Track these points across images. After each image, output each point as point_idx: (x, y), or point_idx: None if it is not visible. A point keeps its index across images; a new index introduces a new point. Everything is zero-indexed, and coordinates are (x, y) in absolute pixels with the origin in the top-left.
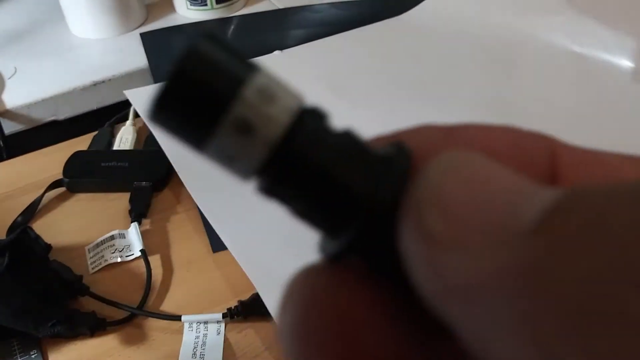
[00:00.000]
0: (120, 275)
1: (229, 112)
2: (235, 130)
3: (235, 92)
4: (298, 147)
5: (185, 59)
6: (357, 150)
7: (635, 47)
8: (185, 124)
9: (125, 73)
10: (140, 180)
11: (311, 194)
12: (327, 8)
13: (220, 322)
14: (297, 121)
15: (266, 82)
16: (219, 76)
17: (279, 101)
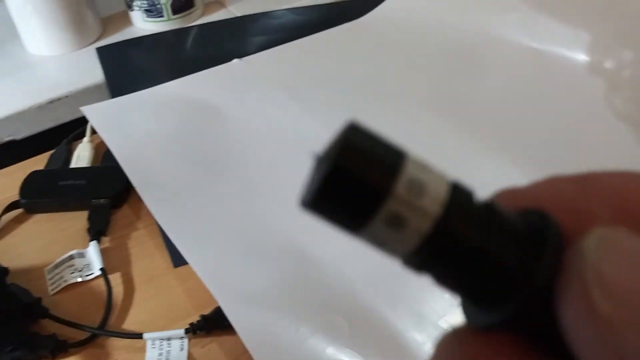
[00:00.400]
0: (81, 295)
1: (381, 208)
2: (387, 223)
3: (387, 188)
4: (449, 232)
5: (340, 153)
6: (506, 226)
7: (590, 41)
8: (340, 215)
9: (82, 89)
10: (98, 197)
11: (464, 271)
12: (286, 14)
13: (183, 338)
14: (447, 208)
15: (415, 172)
16: (372, 171)
17: (428, 191)
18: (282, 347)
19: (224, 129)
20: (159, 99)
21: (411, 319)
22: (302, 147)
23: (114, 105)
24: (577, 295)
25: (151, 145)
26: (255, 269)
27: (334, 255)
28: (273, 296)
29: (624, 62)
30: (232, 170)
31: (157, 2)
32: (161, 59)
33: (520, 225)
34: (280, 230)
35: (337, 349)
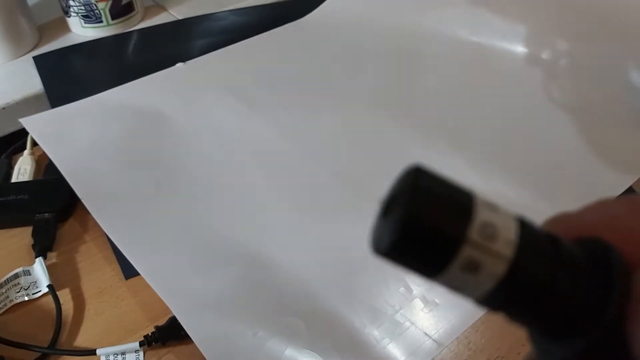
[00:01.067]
0: (29, 314)
1: (457, 255)
2: (463, 269)
3: (462, 234)
4: (522, 273)
5: (412, 201)
6: (571, 258)
7: (526, 33)
8: (416, 263)
9: (20, 100)
10: (42, 212)
11: (537, 307)
12: (228, 15)
13: (139, 351)
14: (519, 249)
15: (486, 215)
16: (446, 218)
17: (500, 233)
18: (240, 353)
19: (170, 135)
20: (101, 107)
21: (367, 315)
22: (250, 149)
23: (54, 115)
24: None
25: (96, 155)
26: (208, 276)
27: (286, 257)
28: (228, 302)
29: (560, 52)
30: (180, 176)
31: (94, 7)
32: (102, 65)
33: (583, 256)
34: (232, 235)
35: (296, 351)
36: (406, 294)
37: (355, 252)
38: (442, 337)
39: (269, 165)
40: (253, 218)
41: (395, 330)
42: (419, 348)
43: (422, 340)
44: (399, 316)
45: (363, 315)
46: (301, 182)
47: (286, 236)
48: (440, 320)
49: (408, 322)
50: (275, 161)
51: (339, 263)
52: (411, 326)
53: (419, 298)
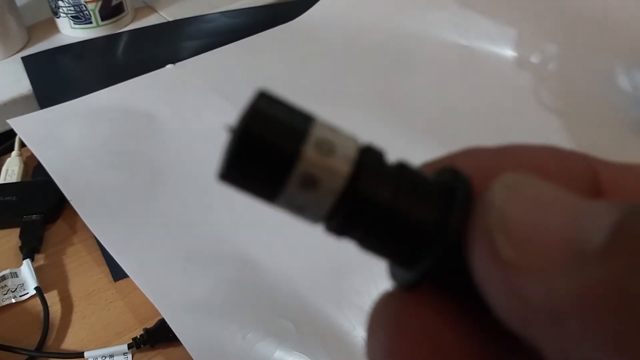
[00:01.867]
0: (16, 317)
1: (293, 171)
2: (301, 186)
3: (297, 150)
4: (362, 191)
5: (248, 121)
6: (417, 182)
7: (516, 37)
8: (254, 183)
9: (8, 100)
10: (30, 213)
11: (381, 231)
12: (219, 17)
13: (127, 354)
14: (357, 167)
15: (324, 134)
16: (280, 136)
17: (337, 151)
18: (229, 355)
19: (159, 136)
20: (90, 108)
21: (356, 316)
22: None
23: (43, 116)
24: (482, 242)
25: (84, 156)
26: (197, 278)
27: (275, 259)
28: (217, 304)
29: (549, 55)
30: (169, 178)
31: (84, 8)
32: (91, 66)
33: (433, 183)
34: (221, 237)
35: (285, 352)
36: None
37: (345, 254)
38: None
39: None
40: (242, 220)
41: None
42: None
43: None
44: None
45: (352, 317)
46: None
47: (276, 238)
48: None
49: None
50: None
51: (329, 265)
52: None
53: None
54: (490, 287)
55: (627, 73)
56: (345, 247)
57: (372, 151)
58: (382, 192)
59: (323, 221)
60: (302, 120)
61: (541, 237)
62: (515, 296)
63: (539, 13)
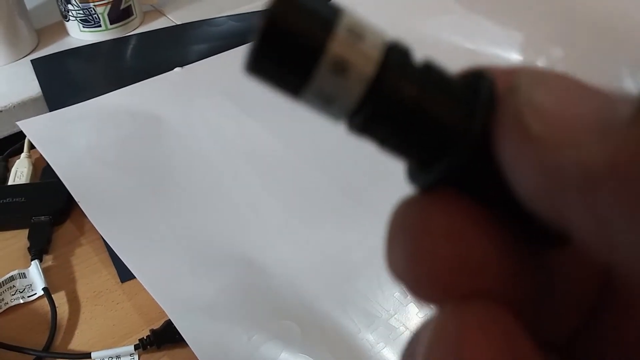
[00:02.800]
0: (24, 317)
1: (325, 54)
2: (331, 71)
3: (328, 33)
4: (391, 81)
5: (274, 8)
6: (444, 80)
7: (522, 41)
8: (283, 72)
9: (18, 103)
10: (38, 214)
11: (405, 127)
12: (226, 21)
13: (133, 355)
14: (387, 56)
15: (354, 21)
16: (310, 20)
17: (368, 38)
18: (234, 357)
19: (166, 138)
20: (99, 111)
21: (362, 319)
22: (246, 154)
23: (52, 118)
24: (511, 125)
25: (93, 158)
26: (204, 280)
27: (282, 261)
28: (223, 306)
29: (555, 59)
30: (177, 180)
31: (93, 11)
32: (100, 69)
33: (459, 82)
34: (228, 240)
35: (291, 354)
36: (401, 298)
37: (351, 256)
38: None
39: (265, 170)
40: (249, 223)
41: (390, 335)
42: None
43: None
44: (393, 321)
45: (358, 320)
46: (298, 187)
47: (282, 241)
48: None
49: (403, 327)
50: (272, 166)
51: (335, 267)
52: (406, 331)
53: (413, 303)
54: (521, 167)
55: (633, 77)
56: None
57: (400, 46)
58: (409, 87)
59: (348, 115)
60: (331, 9)
61: (571, 113)
62: (547, 171)
63: (545, 17)
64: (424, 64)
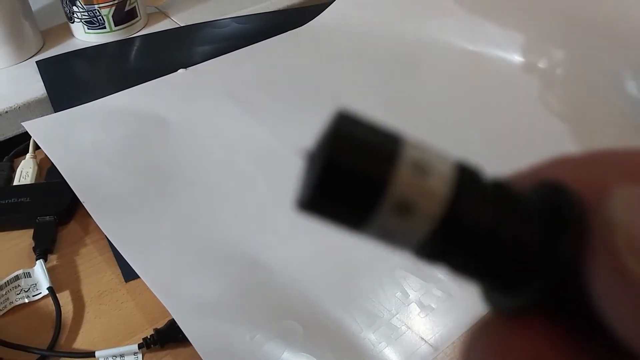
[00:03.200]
0: (29, 316)
1: (386, 196)
2: (394, 212)
3: (390, 173)
4: (462, 215)
5: (333, 145)
6: (518, 201)
7: (523, 42)
8: (342, 212)
9: (23, 104)
10: (43, 214)
11: (482, 254)
12: (230, 23)
13: (137, 354)
14: (455, 188)
15: (416, 153)
16: (370, 159)
17: (433, 171)
18: (237, 356)
19: (171, 139)
20: (103, 112)
21: (364, 319)
22: (250, 154)
23: (57, 119)
24: (607, 263)
25: (97, 159)
26: (207, 279)
27: (284, 260)
28: (226, 305)
29: (556, 61)
30: (180, 181)
31: (98, 13)
32: (105, 70)
33: (534, 200)
34: (231, 240)
35: (293, 354)
36: (403, 298)
37: (353, 257)
38: (438, 342)
39: (268, 171)
40: (252, 223)
41: (392, 335)
42: (415, 352)
43: (418, 345)
44: (395, 320)
45: (360, 320)
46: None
47: (285, 240)
48: (436, 325)
49: (404, 327)
50: (275, 166)
51: (337, 267)
52: (407, 330)
53: (415, 303)
54: (620, 311)
55: (634, 78)
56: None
57: (468, 169)
58: (484, 214)
59: (415, 249)
60: (390, 141)
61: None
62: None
63: (546, 18)
64: (493, 183)
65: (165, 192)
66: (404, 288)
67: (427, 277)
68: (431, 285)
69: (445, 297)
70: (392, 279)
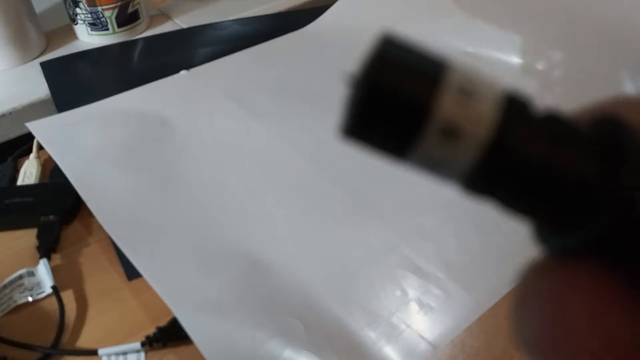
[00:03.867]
0: (32, 315)
1: (431, 119)
2: (440, 136)
3: (434, 95)
4: (513, 143)
5: (376, 69)
6: (574, 134)
7: (522, 44)
8: (386, 137)
9: (27, 105)
10: (47, 214)
11: (534, 189)
12: (232, 25)
13: (140, 351)
14: (504, 113)
15: (463, 77)
16: (414, 82)
17: (480, 95)
18: (239, 354)
19: (173, 140)
20: (106, 113)
21: (364, 317)
22: (251, 155)
23: (60, 120)
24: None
25: (100, 159)
26: (209, 278)
27: (285, 259)
28: (228, 303)
29: (554, 63)
30: (183, 181)
31: (101, 15)
32: (108, 72)
33: (592, 134)
34: (233, 239)
35: (295, 352)
36: (402, 297)
37: (354, 255)
38: (437, 340)
39: (270, 171)
40: (253, 222)
41: (392, 333)
42: (414, 350)
43: (418, 343)
44: (395, 319)
45: (360, 318)
46: (302, 187)
47: (286, 239)
48: (435, 323)
49: (404, 325)
50: (276, 167)
51: (338, 266)
52: (407, 329)
53: (414, 301)
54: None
55: (632, 79)
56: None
57: (518, 99)
58: (536, 144)
59: (464, 179)
60: (436, 64)
61: None
62: None
63: (545, 20)
64: (547, 116)
65: (167, 191)
66: (403, 287)
67: (427, 276)
68: (430, 285)
69: (445, 296)
70: (392, 278)
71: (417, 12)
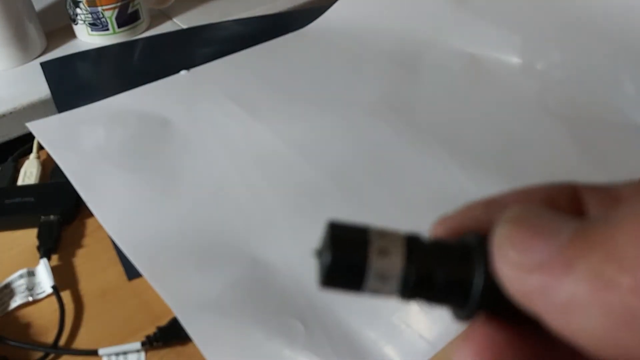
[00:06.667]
0: (32, 315)
1: (368, 271)
2: (376, 278)
3: (365, 259)
4: (416, 269)
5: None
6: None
7: (521, 44)
8: (347, 284)
9: (27, 105)
10: (47, 214)
11: (440, 290)
12: (232, 25)
13: (140, 351)
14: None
15: (379, 243)
16: (354, 253)
17: (392, 249)
18: (239, 353)
19: (173, 140)
20: (107, 113)
21: (364, 317)
22: (251, 155)
23: (61, 120)
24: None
25: (100, 159)
26: (209, 277)
27: (285, 259)
28: (228, 303)
29: (554, 63)
30: (183, 181)
31: (101, 15)
32: (108, 72)
33: (458, 247)
34: (233, 238)
35: (294, 352)
36: None
37: None
38: (437, 340)
39: (270, 171)
40: (254, 222)
41: (392, 333)
42: (414, 350)
43: (418, 342)
44: (395, 318)
45: (360, 317)
46: (302, 187)
47: (286, 239)
48: (435, 323)
49: (404, 325)
50: (277, 166)
51: None
52: (407, 328)
53: None
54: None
55: (632, 79)
56: None
57: (414, 239)
58: (429, 266)
59: (396, 296)
60: (363, 235)
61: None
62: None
63: (544, 20)
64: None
65: (167, 192)
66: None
67: None
68: None
69: None
70: None
71: (417, 12)
